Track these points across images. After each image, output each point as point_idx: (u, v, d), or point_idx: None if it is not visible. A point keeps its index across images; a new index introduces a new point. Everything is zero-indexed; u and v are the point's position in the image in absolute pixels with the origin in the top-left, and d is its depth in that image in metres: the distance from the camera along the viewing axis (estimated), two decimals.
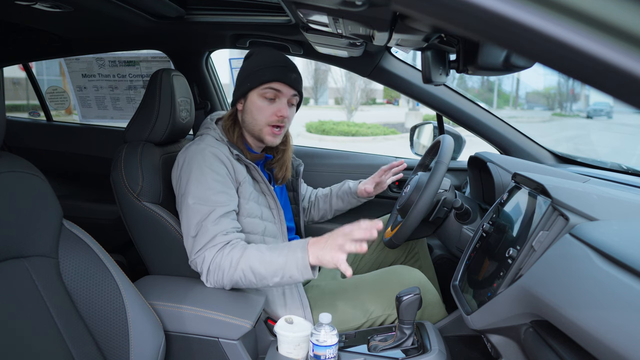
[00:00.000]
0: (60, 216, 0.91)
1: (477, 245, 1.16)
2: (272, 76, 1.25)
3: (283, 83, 1.26)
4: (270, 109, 1.27)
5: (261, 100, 1.27)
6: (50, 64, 5.19)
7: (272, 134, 1.29)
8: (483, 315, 0.95)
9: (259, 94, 1.26)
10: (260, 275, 1.07)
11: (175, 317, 1.08)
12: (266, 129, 1.28)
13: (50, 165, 2.16)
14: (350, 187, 1.65)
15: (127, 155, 1.26)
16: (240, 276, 1.09)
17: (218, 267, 1.09)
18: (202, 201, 1.14)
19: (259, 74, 1.25)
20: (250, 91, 1.27)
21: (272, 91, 1.26)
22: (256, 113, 1.27)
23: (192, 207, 1.14)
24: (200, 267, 1.12)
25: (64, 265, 0.88)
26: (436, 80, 1.01)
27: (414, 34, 0.89)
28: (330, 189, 1.70)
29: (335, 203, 1.67)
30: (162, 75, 1.31)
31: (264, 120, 1.27)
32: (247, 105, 1.29)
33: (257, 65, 1.27)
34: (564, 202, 0.85)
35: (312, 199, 1.70)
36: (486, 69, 0.81)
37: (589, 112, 20.15)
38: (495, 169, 1.31)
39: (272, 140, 1.30)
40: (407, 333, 1.08)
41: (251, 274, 1.07)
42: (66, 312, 0.85)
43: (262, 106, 1.27)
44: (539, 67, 0.36)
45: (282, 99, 1.27)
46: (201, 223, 1.12)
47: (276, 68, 1.26)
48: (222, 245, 1.11)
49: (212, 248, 1.10)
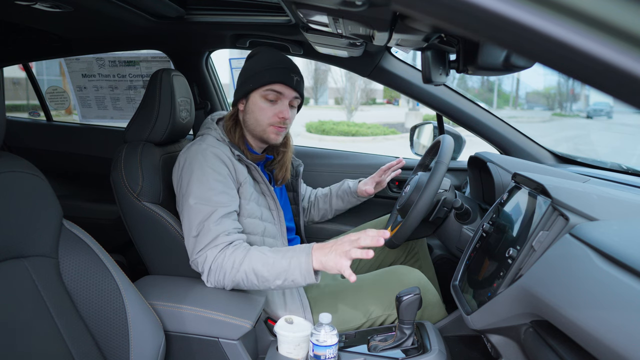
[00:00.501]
0: (60, 216, 0.91)
1: (477, 245, 1.16)
2: (274, 78, 1.25)
3: (285, 85, 1.26)
4: (272, 110, 1.27)
5: (263, 102, 1.27)
6: (50, 64, 5.20)
7: (276, 132, 1.30)
8: (483, 315, 0.95)
9: (260, 95, 1.27)
10: (262, 277, 1.07)
11: (175, 317, 1.07)
12: (270, 128, 1.29)
13: (50, 165, 2.16)
14: (350, 187, 1.65)
15: (127, 155, 1.26)
16: (243, 278, 1.08)
17: (220, 267, 1.09)
18: (204, 201, 1.14)
19: (261, 75, 1.25)
20: (252, 92, 1.27)
21: (274, 93, 1.26)
22: (258, 114, 1.28)
23: (194, 207, 1.14)
24: (201, 267, 1.12)
25: (64, 265, 0.88)
26: (436, 80, 1.01)
27: (414, 34, 0.89)
28: (330, 189, 1.70)
29: (335, 203, 1.67)
30: (162, 75, 1.31)
31: (266, 121, 1.28)
32: (249, 106, 1.29)
33: (260, 66, 1.27)
34: (564, 202, 0.85)
35: (312, 199, 1.70)
36: (486, 69, 0.81)
37: (589, 112, 20.15)
38: (495, 169, 1.31)
39: (275, 138, 1.31)
40: (407, 333, 1.08)
41: (254, 275, 1.07)
42: (66, 312, 0.85)
43: (263, 107, 1.27)
44: (539, 67, 0.36)
45: (284, 101, 1.28)
46: (203, 223, 1.12)
47: (278, 70, 1.26)
48: (224, 246, 1.11)
49: (214, 248, 1.10)
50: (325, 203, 1.68)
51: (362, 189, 1.62)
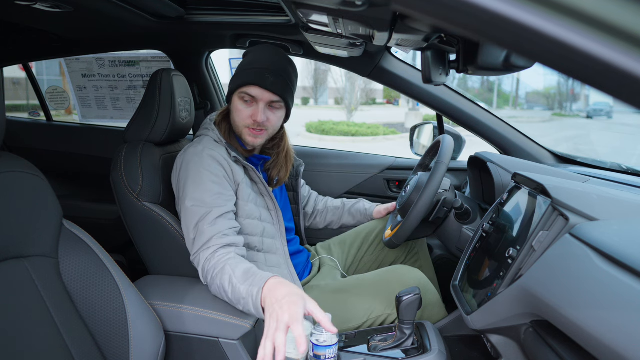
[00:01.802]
0: (60, 216, 0.91)
1: (477, 245, 1.16)
2: (246, 79, 1.22)
3: (258, 87, 1.22)
4: (247, 112, 1.25)
5: (240, 103, 1.26)
6: (50, 64, 5.20)
7: (251, 135, 1.27)
8: (483, 315, 0.95)
9: (238, 97, 1.26)
10: (229, 298, 1.04)
11: (175, 317, 1.07)
12: (245, 130, 1.27)
13: (50, 165, 2.15)
14: (366, 209, 1.65)
15: (127, 155, 1.26)
16: (216, 291, 1.07)
17: (208, 270, 1.08)
18: (199, 203, 1.14)
19: (238, 77, 1.25)
20: (233, 93, 1.27)
21: (247, 95, 1.24)
22: (235, 115, 1.28)
23: (190, 209, 1.14)
24: (197, 268, 1.13)
25: (64, 265, 0.88)
26: (436, 81, 1.01)
27: (414, 34, 0.89)
28: (343, 203, 1.69)
29: (346, 218, 1.68)
30: (162, 75, 1.31)
31: (242, 123, 1.26)
32: (231, 106, 1.29)
33: (241, 66, 1.27)
34: (564, 202, 0.85)
35: (320, 207, 1.70)
36: (486, 69, 0.80)
37: (589, 112, 20.15)
38: (495, 169, 1.31)
39: (252, 140, 1.28)
40: (407, 333, 1.08)
41: (224, 292, 1.04)
42: (66, 312, 0.85)
43: (240, 109, 1.26)
44: (539, 67, 0.36)
45: (259, 104, 1.24)
46: (198, 225, 1.12)
47: (252, 71, 1.22)
48: (216, 248, 1.09)
49: (206, 250, 1.10)
50: (334, 215, 1.68)
51: (379, 212, 1.64)
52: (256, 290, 0.97)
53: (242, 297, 0.99)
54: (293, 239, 1.49)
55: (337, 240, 1.65)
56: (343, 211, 1.67)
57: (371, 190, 1.97)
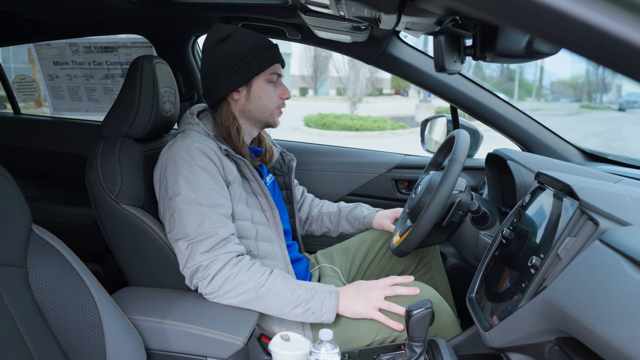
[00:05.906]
0: (29, 220, 0.91)
1: (496, 253, 1.16)
2: (271, 60, 1.32)
3: (280, 64, 1.36)
4: (276, 92, 1.36)
5: (269, 86, 1.34)
6: (17, 50, 5.20)
7: (279, 114, 1.41)
8: (503, 331, 0.95)
9: (265, 79, 1.32)
10: (285, 299, 1.15)
11: (158, 334, 1.07)
12: (276, 112, 1.38)
13: (18, 163, 2.16)
14: (364, 216, 1.65)
15: (104, 153, 1.26)
16: (257, 296, 1.14)
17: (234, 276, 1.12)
18: (197, 203, 1.15)
19: (259, 58, 1.30)
20: (255, 77, 1.31)
21: (276, 75, 1.34)
22: (266, 99, 1.34)
23: (186, 210, 1.14)
24: (203, 273, 1.12)
25: (33, 276, 0.88)
26: (450, 69, 1.01)
27: (425, 16, 0.89)
28: (339, 209, 1.69)
29: (343, 226, 1.68)
30: (143, 62, 1.31)
31: (274, 105, 1.36)
32: (254, 92, 1.33)
33: (252, 48, 1.29)
34: (593, 204, 0.85)
35: (314, 213, 1.70)
36: (506, 56, 0.81)
37: (621, 104, 20.18)
38: (516, 167, 1.31)
39: (278, 120, 1.41)
40: (417, 352, 1.08)
41: (273, 294, 1.14)
42: (36, 328, 0.85)
43: (270, 91, 1.34)
44: (566, 53, 0.36)
45: (281, 80, 1.38)
46: (200, 226, 1.13)
47: (272, 50, 1.33)
48: (234, 255, 1.14)
49: (226, 254, 1.13)
50: (330, 222, 1.69)
51: (379, 222, 1.62)
52: (328, 294, 1.18)
53: (307, 299, 1.16)
54: (291, 244, 1.48)
55: (340, 248, 1.65)
56: (339, 218, 1.68)
57: (377, 191, 1.98)
